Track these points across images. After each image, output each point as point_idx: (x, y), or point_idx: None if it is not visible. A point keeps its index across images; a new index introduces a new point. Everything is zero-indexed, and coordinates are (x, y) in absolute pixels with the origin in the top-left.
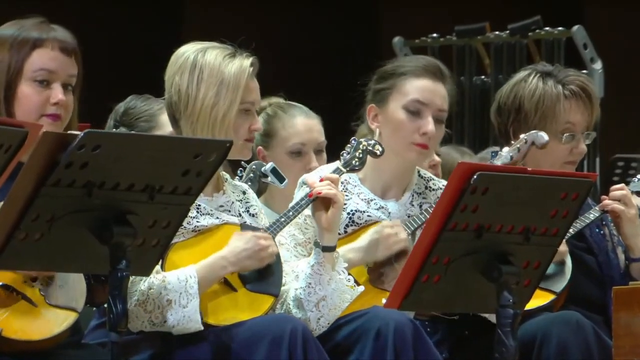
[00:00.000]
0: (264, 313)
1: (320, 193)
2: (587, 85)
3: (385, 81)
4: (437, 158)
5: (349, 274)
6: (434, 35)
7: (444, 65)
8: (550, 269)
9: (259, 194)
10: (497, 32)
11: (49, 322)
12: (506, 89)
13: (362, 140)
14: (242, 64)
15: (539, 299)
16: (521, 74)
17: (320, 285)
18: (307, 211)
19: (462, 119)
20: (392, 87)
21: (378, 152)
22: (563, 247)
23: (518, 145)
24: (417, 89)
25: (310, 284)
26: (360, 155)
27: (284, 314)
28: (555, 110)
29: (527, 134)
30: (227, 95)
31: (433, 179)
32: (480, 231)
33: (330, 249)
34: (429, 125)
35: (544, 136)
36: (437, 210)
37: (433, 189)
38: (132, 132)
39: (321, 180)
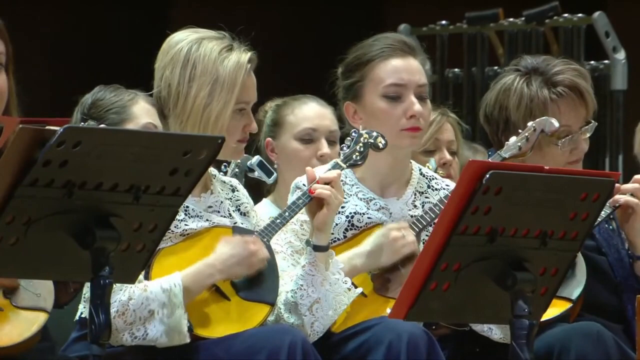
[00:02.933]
0: (259, 323)
1: (312, 192)
2: (577, 81)
3: (354, 73)
4: (448, 156)
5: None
6: (443, 22)
7: (408, 38)
8: None
9: (267, 193)
10: (511, 19)
11: (17, 326)
12: (490, 99)
13: (363, 132)
14: (240, 60)
15: (553, 308)
16: (504, 79)
17: (313, 287)
18: (304, 217)
19: (474, 112)
20: (363, 78)
21: (381, 145)
22: None
23: (527, 134)
24: (390, 72)
25: (302, 285)
26: (362, 149)
27: (282, 325)
28: None
29: (536, 121)
30: (221, 95)
31: (436, 178)
32: (493, 235)
33: (322, 249)
34: (414, 106)
35: (554, 123)
36: (446, 212)
37: (436, 189)
38: (115, 127)
39: (317, 182)
